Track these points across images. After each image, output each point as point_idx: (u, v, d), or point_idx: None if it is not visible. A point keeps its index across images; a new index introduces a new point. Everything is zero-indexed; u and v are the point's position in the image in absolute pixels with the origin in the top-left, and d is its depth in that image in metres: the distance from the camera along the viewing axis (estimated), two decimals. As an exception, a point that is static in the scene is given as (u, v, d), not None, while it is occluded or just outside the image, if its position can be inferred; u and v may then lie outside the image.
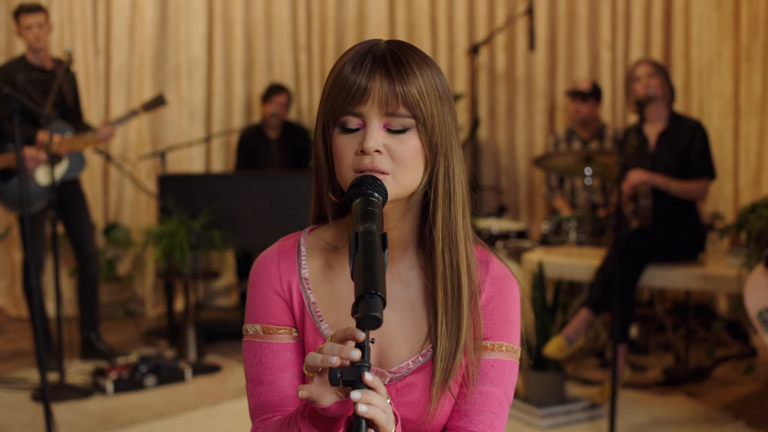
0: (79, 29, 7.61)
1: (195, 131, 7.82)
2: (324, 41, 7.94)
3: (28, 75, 5.92)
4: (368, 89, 1.65)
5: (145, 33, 7.68)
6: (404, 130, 1.67)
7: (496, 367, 1.76)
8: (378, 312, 1.43)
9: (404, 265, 1.78)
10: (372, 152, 1.65)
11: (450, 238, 1.72)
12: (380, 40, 1.73)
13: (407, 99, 1.65)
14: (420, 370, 1.74)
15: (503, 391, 1.76)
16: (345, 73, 1.67)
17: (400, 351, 1.75)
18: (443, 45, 7.80)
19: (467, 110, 7.73)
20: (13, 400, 5.38)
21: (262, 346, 1.77)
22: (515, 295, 1.81)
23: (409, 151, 1.67)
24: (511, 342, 1.78)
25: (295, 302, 1.77)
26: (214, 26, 7.85)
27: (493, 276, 1.79)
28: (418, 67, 1.67)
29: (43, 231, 6.00)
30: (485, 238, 6.49)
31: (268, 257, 1.81)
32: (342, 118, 1.67)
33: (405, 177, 1.67)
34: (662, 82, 5.40)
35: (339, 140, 1.68)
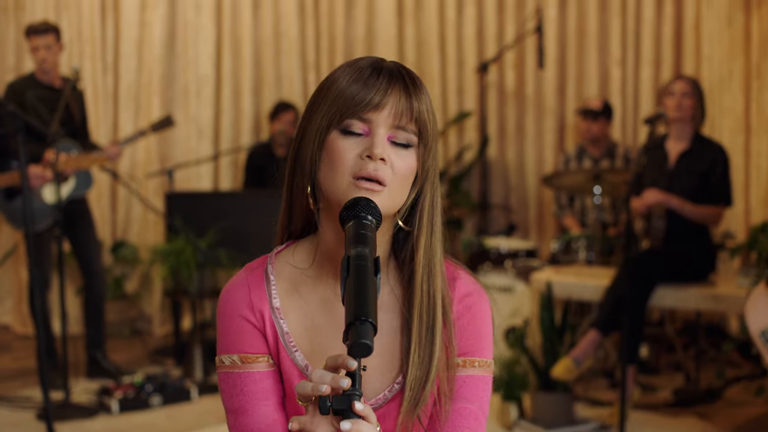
0: (88, 47, 7.61)
1: (203, 149, 7.80)
2: (333, 59, 7.92)
3: (37, 93, 5.91)
4: (386, 99, 1.64)
5: (154, 51, 7.68)
6: (407, 146, 1.66)
7: (469, 383, 1.74)
8: (369, 339, 1.39)
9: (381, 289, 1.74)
10: (378, 159, 1.62)
11: (429, 267, 1.70)
12: (383, 59, 1.72)
13: (420, 116, 1.66)
14: (395, 399, 1.71)
15: (478, 406, 1.74)
16: (362, 76, 1.65)
17: (376, 380, 1.72)
18: (452, 62, 7.78)
19: (476, 128, 7.70)
20: (18, 419, 5.34)
21: (242, 375, 1.73)
22: (485, 310, 1.78)
23: (407, 168, 1.66)
24: (483, 356, 1.76)
25: (268, 332, 1.74)
26: (223, 44, 7.84)
27: (461, 293, 1.76)
28: (424, 89, 1.69)
29: (49, 249, 5.98)
30: (494, 256, 6.45)
31: (237, 286, 1.77)
32: (347, 120, 1.64)
33: (398, 193, 1.66)
34: (695, 104, 5.35)
35: (338, 143, 1.65)
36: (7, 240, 7.39)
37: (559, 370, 4.86)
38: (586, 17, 7.47)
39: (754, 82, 6.60)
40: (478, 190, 7.66)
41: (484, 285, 1.82)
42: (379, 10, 7.80)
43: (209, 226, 6.29)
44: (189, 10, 7.73)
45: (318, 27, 7.96)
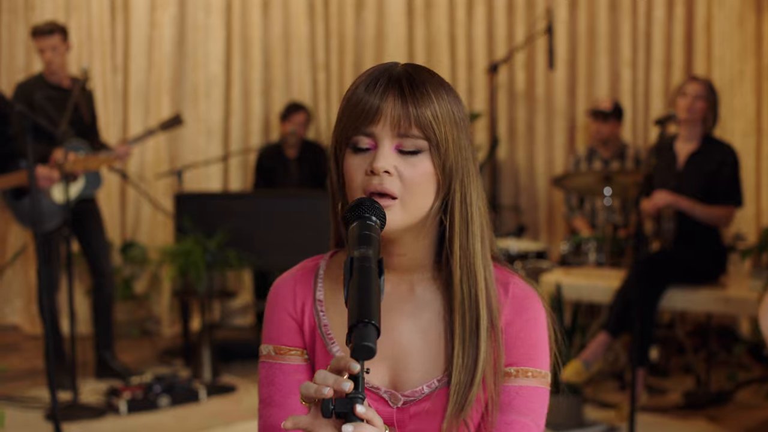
0: (98, 47, 7.61)
1: (212, 150, 7.79)
2: (342, 60, 7.91)
3: (46, 93, 5.91)
4: (380, 109, 1.61)
5: (163, 51, 7.67)
6: (416, 152, 1.63)
7: (522, 395, 1.68)
8: (371, 342, 1.38)
9: (421, 286, 1.73)
10: (381, 173, 1.61)
11: (468, 267, 1.67)
12: (398, 63, 1.70)
13: (420, 120, 1.61)
14: (434, 398, 1.68)
15: (532, 419, 1.68)
16: (358, 93, 1.64)
17: (415, 375, 1.70)
18: (462, 63, 7.75)
19: (486, 129, 7.68)
20: (26, 419, 5.34)
21: (274, 366, 1.75)
22: (539, 317, 1.72)
23: (420, 175, 1.63)
24: (537, 367, 1.70)
25: (306, 324, 1.75)
26: (232, 45, 7.84)
27: (513, 297, 1.72)
28: (434, 90, 1.64)
29: (58, 249, 5.98)
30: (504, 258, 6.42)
31: (286, 279, 1.80)
32: (354, 137, 1.64)
33: (414, 202, 1.63)
34: (707, 107, 5.32)
35: (350, 161, 1.65)
36: (17, 240, 7.39)
37: (568, 373, 4.83)
38: (596, 18, 7.44)
39: (765, 83, 6.57)
40: (488, 191, 7.64)
41: None
42: (388, 10, 7.78)
43: (218, 226, 6.28)
44: (199, 11, 7.73)
45: (328, 27, 7.95)
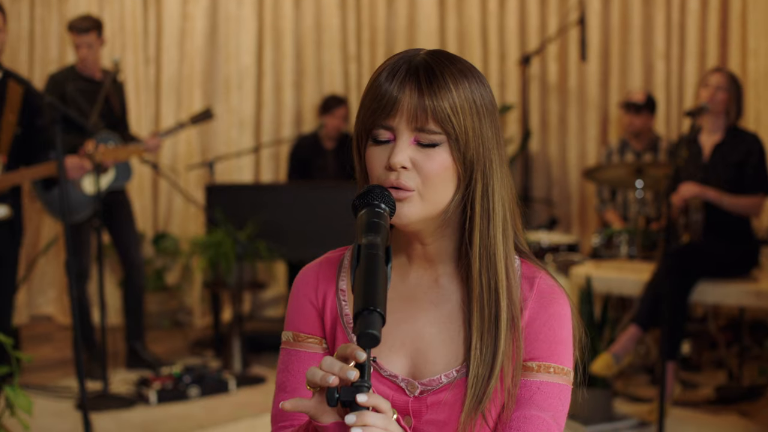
0: (130, 39, 7.64)
1: (244, 141, 7.81)
2: (374, 51, 7.89)
3: (77, 85, 5.94)
4: (398, 102, 1.59)
5: (195, 43, 7.69)
6: (434, 145, 1.60)
7: (543, 390, 1.66)
8: (375, 329, 1.37)
9: (445, 278, 1.72)
10: (398, 168, 1.59)
11: (488, 258, 1.65)
12: (421, 50, 1.67)
13: (437, 114, 1.58)
14: (452, 388, 1.66)
15: (551, 416, 1.65)
16: (379, 82, 1.62)
17: (434, 365, 1.68)
18: (494, 55, 7.71)
19: (518, 121, 7.64)
20: (57, 409, 5.38)
21: (291, 353, 1.75)
22: (563, 313, 1.70)
23: (438, 168, 1.60)
24: (560, 363, 1.68)
25: (327, 313, 1.74)
26: (264, 36, 7.84)
27: (538, 292, 1.69)
28: (453, 79, 1.60)
29: (88, 240, 6.01)
30: (534, 251, 6.40)
31: (311, 267, 1.80)
32: (374, 130, 1.62)
33: (432, 194, 1.61)
34: (729, 98, 5.27)
35: (371, 153, 1.64)
36: (51, 230, 7.44)
37: (598, 366, 4.80)
38: (630, 9, 7.38)
39: (801, 74, 6.49)
40: (520, 183, 7.60)
41: None
42: (420, 1, 7.74)
43: (249, 218, 6.29)
44: (231, 3, 7.74)
45: (359, 19, 7.93)
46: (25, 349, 6.53)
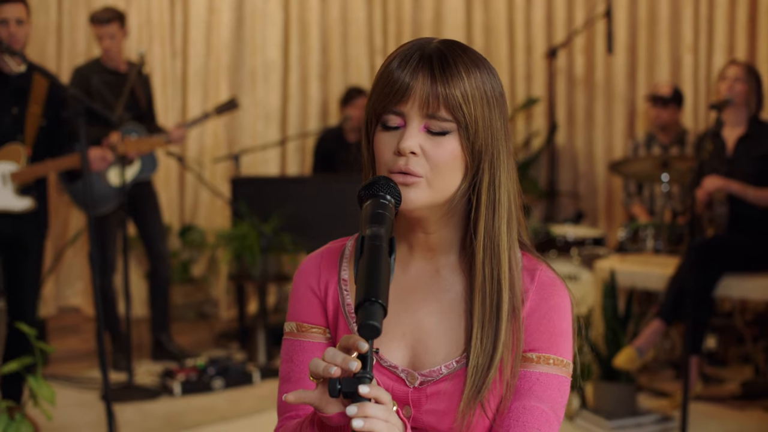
0: (157, 32, 7.67)
1: (270, 134, 7.82)
2: (400, 44, 7.84)
3: (103, 77, 5.97)
4: (410, 88, 1.59)
5: (222, 36, 7.72)
6: (444, 133, 1.60)
7: (542, 381, 1.66)
8: (376, 321, 1.37)
9: (446, 268, 1.72)
10: (407, 153, 1.59)
11: (492, 249, 1.65)
12: (433, 39, 1.67)
13: (449, 101, 1.59)
14: (452, 378, 1.66)
15: (550, 407, 1.66)
16: (391, 68, 1.62)
17: (435, 355, 1.69)
18: (521, 48, 7.69)
19: (545, 115, 7.61)
20: (83, 399, 5.42)
21: (295, 344, 1.75)
22: (563, 305, 1.70)
23: (447, 155, 1.61)
24: (559, 355, 1.68)
25: (329, 302, 1.75)
26: (290, 30, 7.85)
27: (539, 284, 1.70)
28: (465, 68, 1.61)
29: (114, 232, 6.04)
30: (560, 244, 6.38)
31: (312, 258, 1.80)
32: (384, 116, 1.62)
33: (439, 182, 1.61)
34: (748, 89, 5.23)
35: (379, 138, 1.64)
36: (78, 222, 7.48)
37: (621, 360, 4.78)
38: (657, 2, 7.32)
39: (831, 67, 6.42)
40: (546, 177, 7.58)
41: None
42: (447, -6, 7.74)
43: (274, 210, 6.30)
44: (257, -5, 7.77)
45: (385, 12, 7.92)
46: (52, 341, 6.57)
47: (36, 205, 4.82)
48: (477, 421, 1.65)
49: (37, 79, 4.76)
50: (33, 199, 4.81)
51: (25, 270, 4.88)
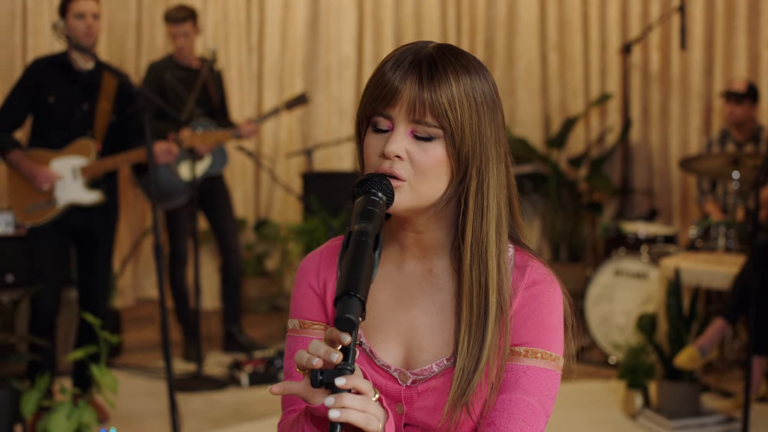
0: (234, 28, 7.79)
1: (345, 130, 7.89)
2: (473, 40, 7.88)
3: (176, 73, 6.08)
4: (398, 92, 1.60)
5: (297, 32, 7.81)
6: (429, 139, 1.62)
7: (529, 375, 1.67)
8: (353, 314, 1.39)
9: (438, 269, 1.73)
10: (392, 157, 1.61)
11: (480, 254, 1.66)
12: (429, 43, 1.68)
13: (435, 108, 1.59)
14: (442, 376, 1.68)
15: (537, 400, 1.67)
16: (383, 71, 1.64)
17: (427, 353, 1.71)
18: (595, 44, 7.63)
19: (618, 111, 7.54)
20: (153, 389, 5.54)
21: (297, 340, 1.78)
22: (554, 301, 1.71)
23: (431, 161, 1.62)
24: (547, 349, 1.69)
25: (328, 300, 1.77)
26: (365, 26, 7.90)
27: (529, 281, 1.71)
28: (454, 74, 1.61)
29: (185, 225, 6.15)
30: (631, 242, 6.32)
31: (313, 256, 1.82)
32: (374, 118, 1.64)
33: (423, 186, 1.62)
34: None
35: (368, 139, 1.66)
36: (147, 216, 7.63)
37: (682, 359, 4.73)
38: (735, -4, 7.21)
39: None
40: (620, 173, 7.51)
41: (619, 270, 1.77)
42: (521, -10, 7.72)
43: (344, 205, 6.36)
44: (332, -8, 7.84)
45: (459, 8, 7.93)
46: (128, 331, 6.73)
47: (105, 198, 4.95)
48: (465, 420, 1.67)
49: (107, 76, 4.89)
50: (102, 193, 4.94)
51: (95, 262, 5.02)
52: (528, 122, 7.73)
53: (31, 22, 6.75)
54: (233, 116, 7.03)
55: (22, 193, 4.89)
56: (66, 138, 4.89)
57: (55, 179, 4.84)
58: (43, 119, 4.90)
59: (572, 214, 7.55)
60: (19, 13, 6.77)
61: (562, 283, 1.75)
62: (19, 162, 4.84)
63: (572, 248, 7.59)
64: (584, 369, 6.01)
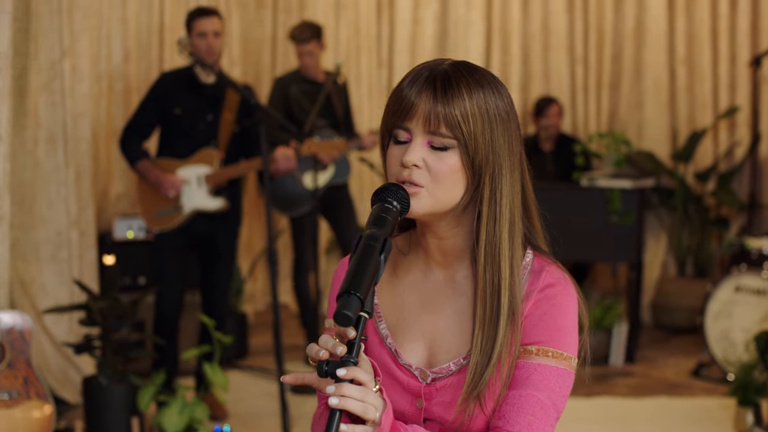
0: (364, 43, 8.00)
1: (471, 142, 7.97)
2: (600, 53, 7.88)
3: (301, 87, 6.30)
4: (414, 106, 1.74)
5: (426, 46, 7.96)
6: (445, 149, 1.74)
7: (540, 372, 1.77)
8: (349, 311, 1.53)
9: (459, 273, 1.86)
10: (410, 166, 1.74)
11: (493, 256, 1.78)
12: (445, 60, 1.81)
13: (448, 120, 1.72)
14: (458, 374, 1.81)
15: (547, 396, 1.77)
16: (401, 87, 1.78)
17: (447, 353, 1.84)
18: (724, 57, 7.54)
19: (747, 125, 7.43)
20: (272, 390, 5.75)
21: None
22: (567, 304, 1.81)
23: (447, 169, 1.74)
24: (559, 348, 1.79)
25: None
26: (492, 40, 7.99)
27: (544, 284, 1.81)
28: (467, 89, 1.74)
29: (310, 232, 6.35)
30: (754, 258, 6.24)
31: (344, 261, 1.94)
32: (394, 130, 1.78)
33: (440, 192, 1.75)
34: None
35: (390, 150, 1.80)
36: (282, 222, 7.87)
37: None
38: None
39: None
40: (747, 188, 7.40)
41: (739, 286, 1.85)
42: (649, 3, 7.67)
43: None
44: (460, 7, 7.95)
45: (586, 21, 7.94)
46: (256, 335, 6.99)
47: (228, 205, 5.19)
48: (478, 414, 1.79)
49: (230, 89, 5.15)
50: (225, 200, 5.19)
51: (217, 266, 5.28)
52: (655, 136, 7.68)
53: (168, 37, 7.09)
54: (364, 129, 7.22)
55: (150, 201, 5.19)
56: (191, 147, 5.17)
57: (181, 185, 5.11)
58: (170, 130, 5.19)
59: (699, 229, 7.47)
60: (156, 28, 7.13)
61: (577, 287, 1.85)
62: (147, 171, 5.13)
63: (699, 263, 7.50)
64: (703, 385, 5.97)
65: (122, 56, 6.86)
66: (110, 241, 6.15)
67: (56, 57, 5.39)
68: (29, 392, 4.29)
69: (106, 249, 5.97)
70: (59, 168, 5.44)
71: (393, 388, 1.84)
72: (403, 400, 1.84)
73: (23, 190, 5.33)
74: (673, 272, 7.65)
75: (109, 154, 6.77)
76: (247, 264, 7.66)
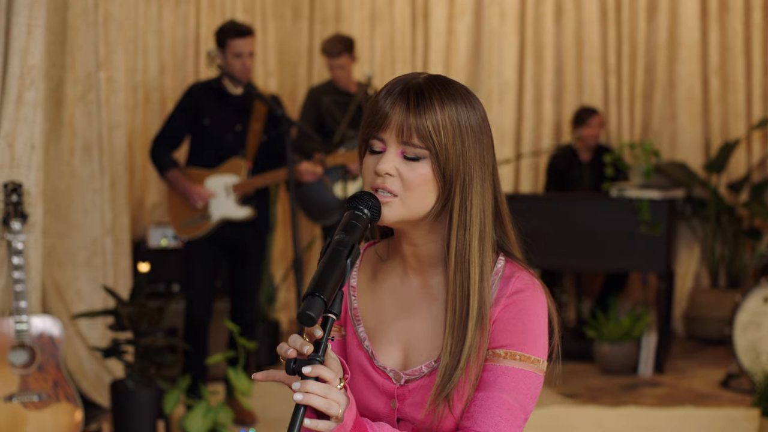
0: (399, 54, 8.10)
1: (504, 153, 8.03)
2: (633, 65, 7.90)
3: (334, 98, 6.40)
4: (388, 117, 1.81)
5: (460, 58, 8.03)
6: (417, 159, 1.81)
7: (507, 375, 1.83)
8: (313, 312, 1.61)
9: (434, 279, 1.93)
10: (384, 174, 1.81)
11: (463, 263, 1.84)
12: (421, 74, 1.88)
13: (420, 131, 1.79)
14: (430, 375, 1.87)
15: (514, 398, 1.82)
16: (378, 99, 1.86)
17: (420, 355, 1.91)
18: (757, 68, 7.53)
19: (781, 138, 7.43)
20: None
21: None
22: (536, 308, 1.87)
23: (418, 178, 1.81)
24: (527, 352, 1.84)
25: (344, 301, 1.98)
26: (526, 51, 8.04)
27: (513, 290, 1.87)
28: (439, 102, 1.81)
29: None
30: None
31: None
32: (370, 140, 1.86)
33: (412, 201, 1.82)
34: None
35: (366, 160, 1.87)
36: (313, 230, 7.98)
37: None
38: None
39: None
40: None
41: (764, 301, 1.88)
42: (682, 14, 7.69)
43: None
44: (494, 19, 8.01)
45: (620, 32, 7.96)
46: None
47: (255, 214, 5.30)
48: (446, 415, 1.85)
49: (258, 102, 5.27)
50: (253, 209, 5.30)
51: (245, 274, 5.39)
52: (688, 147, 7.69)
53: (203, 49, 7.22)
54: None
55: (179, 209, 5.31)
56: (220, 157, 5.28)
57: (208, 198, 5.23)
58: (199, 140, 5.31)
59: (731, 240, 7.47)
60: (192, 40, 7.27)
61: (547, 292, 1.91)
62: (176, 180, 5.26)
63: (731, 274, 7.49)
64: (731, 396, 5.97)
65: (158, 68, 7.01)
66: (145, 248, 6.29)
67: (92, 68, 5.53)
68: (59, 395, 4.42)
69: (141, 256, 6.11)
70: (95, 177, 5.58)
71: (369, 389, 1.92)
72: (378, 401, 1.91)
73: (59, 198, 5.47)
74: (706, 283, 7.65)
75: (144, 163, 6.92)
76: (281, 272, 7.76)
